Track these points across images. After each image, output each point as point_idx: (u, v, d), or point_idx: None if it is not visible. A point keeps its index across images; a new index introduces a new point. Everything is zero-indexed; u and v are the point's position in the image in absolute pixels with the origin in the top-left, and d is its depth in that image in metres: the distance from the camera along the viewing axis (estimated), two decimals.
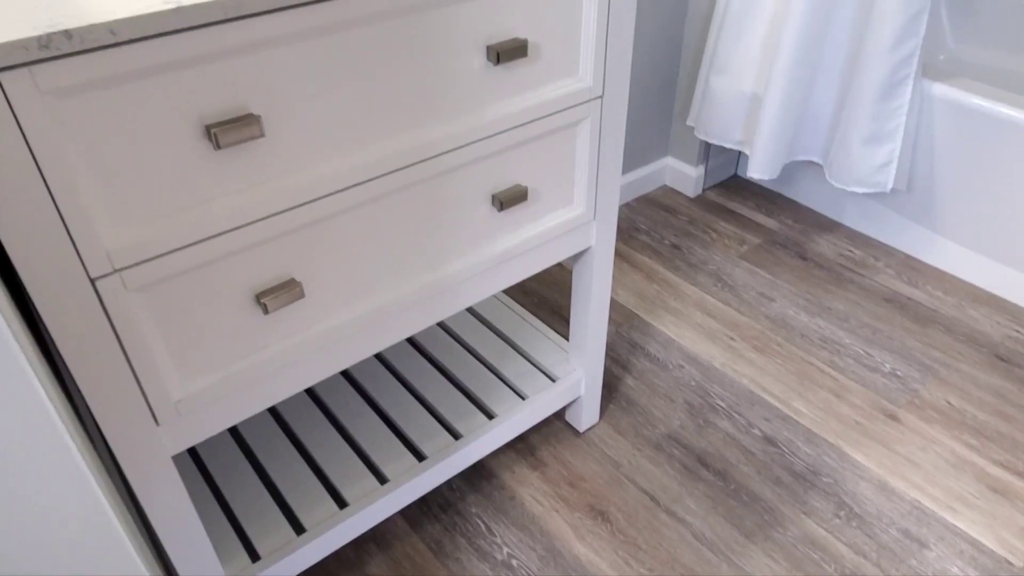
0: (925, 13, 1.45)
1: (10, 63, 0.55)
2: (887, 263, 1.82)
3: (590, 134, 1.00)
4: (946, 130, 1.62)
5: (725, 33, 1.69)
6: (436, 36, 0.78)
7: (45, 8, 0.60)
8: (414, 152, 0.83)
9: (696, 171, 2.02)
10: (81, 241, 0.65)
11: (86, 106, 0.61)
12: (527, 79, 0.89)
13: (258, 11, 0.65)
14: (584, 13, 0.90)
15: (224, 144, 0.68)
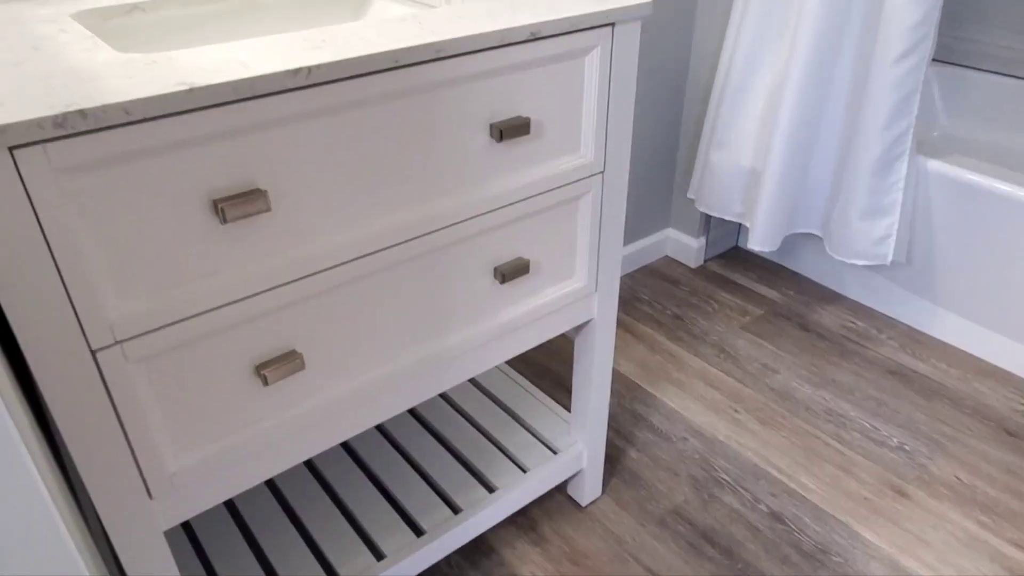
0: (917, 93, 1.49)
1: (25, 141, 0.56)
2: (890, 335, 1.81)
3: (591, 208, 1.02)
4: (943, 205, 1.65)
5: (724, 109, 1.74)
6: (441, 115, 0.81)
7: (63, 87, 0.62)
8: (417, 226, 0.85)
9: (697, 242, 2.04)
10: (84, 313, 0.65)
11: (97, 182, 0.62)
12: (530, 155, 0.91)
13: (268, 92, 0.67)
14: (585, 92, 0.93)
15: (230, 219, 0.69)
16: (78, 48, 0.73)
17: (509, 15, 0.84)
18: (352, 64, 0.70)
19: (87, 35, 0.77)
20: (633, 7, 0.89)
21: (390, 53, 0.72)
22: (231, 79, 0.64)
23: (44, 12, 0.86)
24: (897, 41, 1.44)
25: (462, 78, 0.80)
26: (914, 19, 1.41)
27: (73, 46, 0.73)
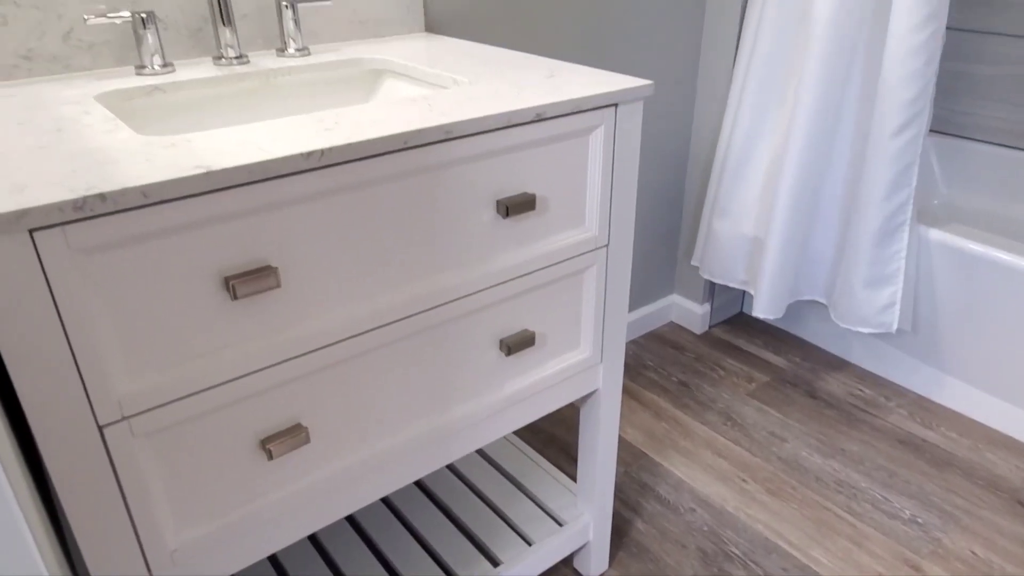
0: (915, 165, 1.52)
1: (46, 223, 0.58)
2: (899, 403, 1.80)
3: (596, 281, 1.03)
4: (946, 273, 1.66)
5: (726, 179, 1.77)
6: (449, 192, 0.83)
7: (83, 169, 0.64)
8: (425, 300, 0.86)
9: (702, 308, 2.05)
10: (94, 389, 0.66)
11: (112, 261, 0.63)
12: (535, 230, 0.93)
13: (281, 174, 0.69)
14: (590, 169, 0.95)
15: (241, 295, 0.70)
16: (100, 130, 0.75)
17: (515, 96, 0.87)
18: (363, 146, 0.72)
19: (109, 117, 0.80)
20: (635, 88, 0.92)
21: (400, 135, 0.74)
22: (247, 162, 0.66)
23: (69, 94, 0.89)
24: (894, 115, 1.47)
25: (470, 157, 0.82)
26: (910, 95, 1.45)
27: (95, 127, 0.76)
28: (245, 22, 1.10)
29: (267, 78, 1.03)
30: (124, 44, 1.02)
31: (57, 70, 0.98)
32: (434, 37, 1.25)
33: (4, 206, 0.56)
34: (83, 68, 1.00)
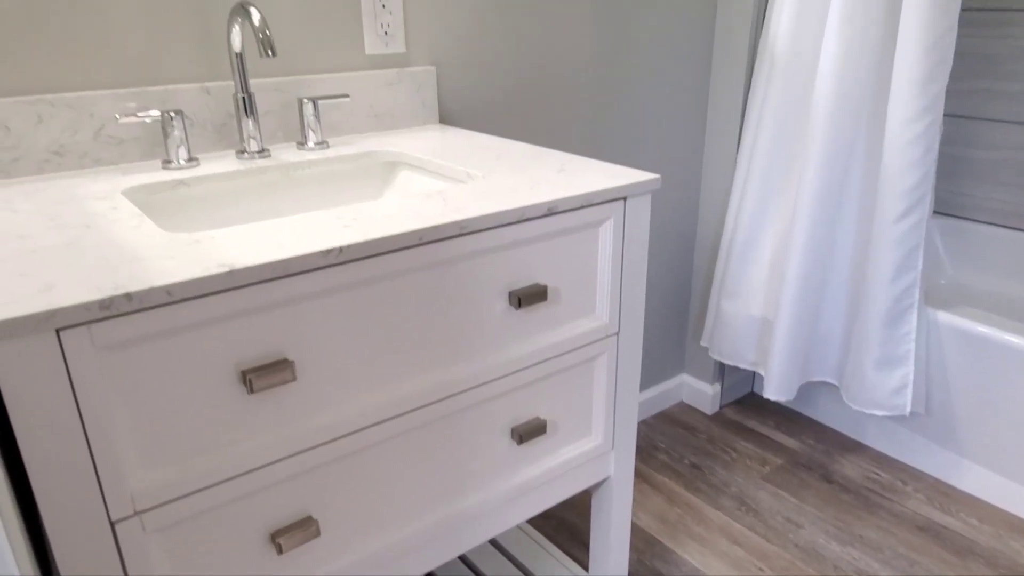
0: (920, 248, 1.54)
1: (72, 323, 0.60)
2: (916, 487, 1.76)
3: (607, 368, 1.03)
4: (957, 355, 1.65)
5: (733, 261, 1.79)
6: (462, 285, 0.84)
7: (110, 268, 0.66)
8: (437, 390, 0.86)
9: (712, 388, 2.04)
10: (108, 484, 0.66)
11: (132, 357, 0.65)
12: (547, 320, 0.94)
13: (301, 271, 0.71)
14: (600, 259, 0.97)
15: (257, 389, 0.71)
16: (127, 225, 0.78)
17: (527, 191, 0.89)
18: (380, 243, 0.75)
19: (135, 212, 0.83)
20: (644, 182, 0.95)
21: (416, 232, 0.77)
22: (268, 260, 0.68)
23: (97, 188, 0.93)
24: (896, 202, 1.50)
25: (483, 251, 0.85)
26: (911, 182, 1.48)
27: (123, 223, 0.79)
28: (267, 117, 1.15)
29: (287, 171, 1.06)
30: (151, 139, 1.06)
31: (87, 164, 1.02)
32: (448, 129, 1.29)
33: (34, 306, 0.58)
34: (111, 162, 1.04)
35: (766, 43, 1.66)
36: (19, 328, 0.57)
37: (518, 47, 1.42)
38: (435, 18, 1.30)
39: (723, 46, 1.76)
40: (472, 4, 1.33)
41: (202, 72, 1.09)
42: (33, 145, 0.98)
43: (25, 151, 0.97)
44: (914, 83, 1.42)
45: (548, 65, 1.48)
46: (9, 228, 0.78)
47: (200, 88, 1.08)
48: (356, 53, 1.23)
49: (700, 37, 1.73)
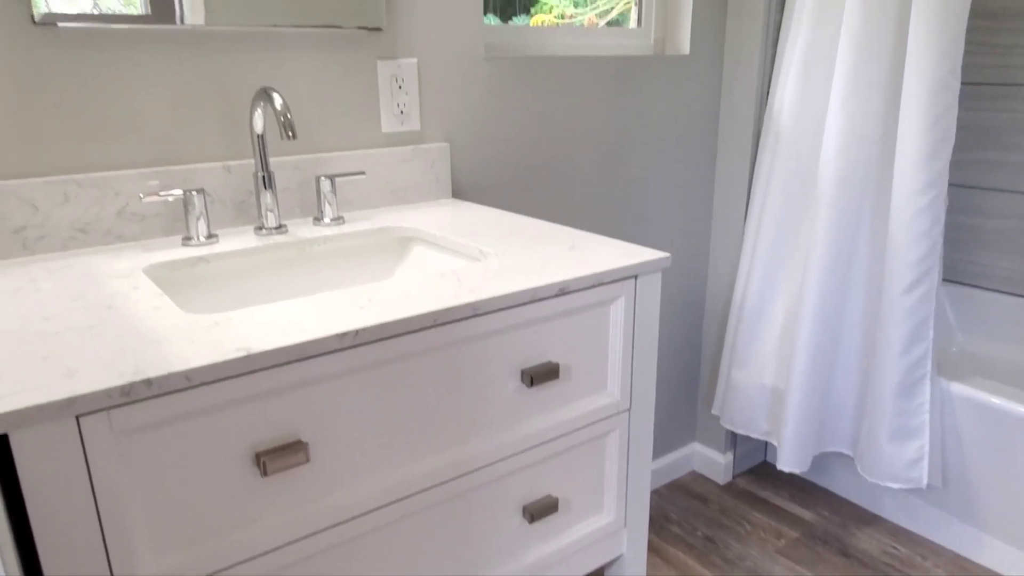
0: (930, 319, 1.54)
1: (92, 409, 0.61)
2: (935, 562, 1.72)
3: (619, 445, 1.03)
4: (972, 427, 1.63)
5: (743, 329, 1.79)
6: (475, 364, 0.85)
7: (131, 352, 0.67)
8: (448, 470, 0.86)
9: (724, 458, 2.01)
10: (119, 568, 0.66)
11: (149, 441, 0.65)
12: (558, 397, 0.95)
13: (317, 354, 0.72)
14: (611, 336, 0.98)
15: (271, 472, 0.71)
16: (148, 306, 0.80)
17: (539, 270, 0.91)
18: (395, 326, 0.76)
19: (156, 292, 0.84)
20: (654, 261, 0.97)
21: (430, 314, 0.78)
22: (285, 344, 0.69)
23: (119, 266, 0.95)
24: (904, 273, 1.51)
25: (496, 331, 0.86)
26: (918, 255, 1.49)
27: (143, 303, 0.80)
28: (285, 193, 1.18)
29: (304, 247, 1.09)
30: (173, 216, 1.09)
31: (109, 241, 1.05)
32: (461, 204, 1.32)
33: (55, 393, 0.59)
34: (133, 238, 1.06)
35: (770, 118, 1.70)
36: (40, 415, 0.58)
37: (529, 124, 1.46)
38: (449, 97, 1.34)
39: (728, 120, 1.80)
40: (484, 83, 1.38)
41: (224, 151, 1.13)
42: (59, 223, 1.00)
43: (51, 229, 1.00)
44: (917, 159, 1.45)
45: (558, 141, 1.52)
46: (34, 308, 0.79)
47: (222, 167, 1.12)
48: (373, 131, 1.27)
49: (706, 112, 1.78)
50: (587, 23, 1.87)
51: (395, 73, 1.26)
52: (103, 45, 1.00)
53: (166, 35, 1.05)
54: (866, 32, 1.50)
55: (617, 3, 2.61)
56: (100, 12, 0.97)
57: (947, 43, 1.41)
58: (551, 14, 2.53)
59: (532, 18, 1.79)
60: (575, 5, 2.35)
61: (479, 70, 1.37)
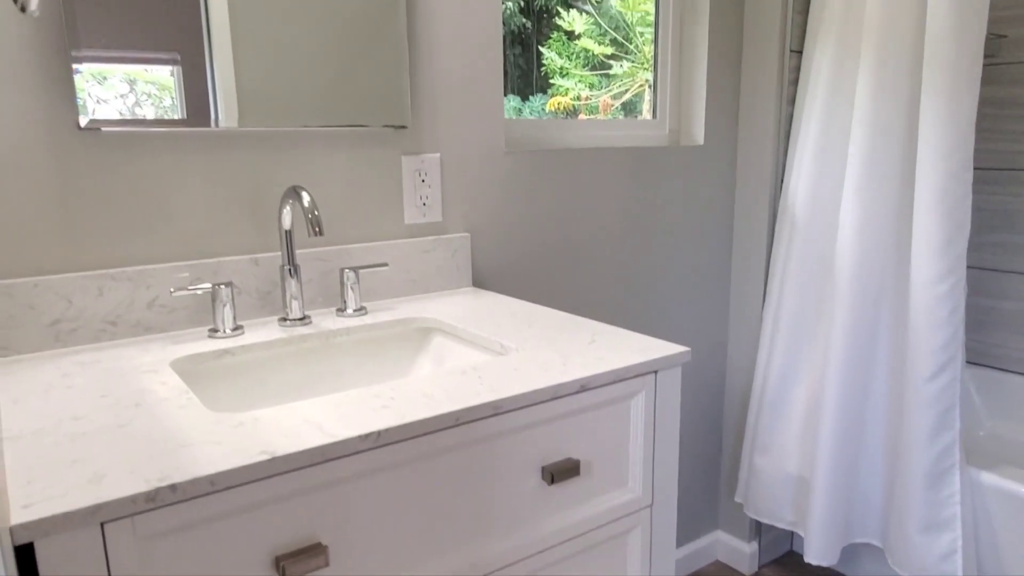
0: (956, 408, 1.52)
1: (117, 515, 0.61)
2: None
3: (641, 541, 1.01)
4: (1006, 518, 1.58)
5: (764, 416, 1.77)
6: (496, 462, 0.85)
7: (158, 455, 0.68)
8: (468, 569, 0.85)
9: (750, 547, 1.96)
10: None
11: (170, 546, 0.65)
12: (578, 494, 0.94)
13: (341, 455, 0.72)
14: (632, 432, 0.98)
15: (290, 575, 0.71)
16: (175, 404, 0.81)
17: (560, 367, 0.92)
18: (416, 426, 0.76)
19: (183, 388, 0.86)
20: (674, 356, 0.97)
21: (451, 414, 0.79)
22: (308, 447, 0.70)
23: (147, 360, 0.97)
24: (926, 361, 1.50)
25: (517, 428, 0.86)
26: (940, 342, 1.48)
27: (170, 402, 0.82)
28: (310, 284, 1.21)
29: (327, 339, 1.11)
30: (200, 308, 1.12)
31: (138, 332, 1.07)
32: (481, 292, 1.34)
33: (81, 501, 0.60)
34: (161, 329, 1.09)
35: (785, 205, 1.72)
36: (67, 524, 0.59)
37: (547, 214, 1.50)
38: (470, 188, 1.38)
39: (744, 208, 1.83)
40: (505, 175, 1.42)
41: (252, 244, 1.16)
42: (92, 316, 1.03)
43: (84, 322, 1.03)
44: (934, 247, 1.46)
45: (576, 231, 1.55)
46: (65, 407, 0.81)
47: (249, 259, 1.15)
48: (396, 222, 1.30)
49: (721, 200, 1.81)
50: (601, 105, 1.93)
51: (418, 167, 1.30)
52: (142, 147, 1.06)
53: (202, 136, 1.10)
54: (877, 126, 1.53)
55: (631, 85, 2.69)
56: (141, 118, 1.03)
57: (957, 137, 1.44)
58: (567, 96, 2.61)
59: (550, 99, 1.85)
60: (590, 87, 2.43)
61: (499, 163, 1.41)
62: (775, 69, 1.70)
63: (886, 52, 1.51)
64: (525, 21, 2.31)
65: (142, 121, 1.03)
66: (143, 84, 1.02)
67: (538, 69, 1.83)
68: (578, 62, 2.30)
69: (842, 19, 1.58)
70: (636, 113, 1.83)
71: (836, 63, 1.60)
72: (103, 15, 0.98)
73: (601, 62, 1.90)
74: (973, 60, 1.42)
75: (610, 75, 2.02)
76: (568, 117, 2.06)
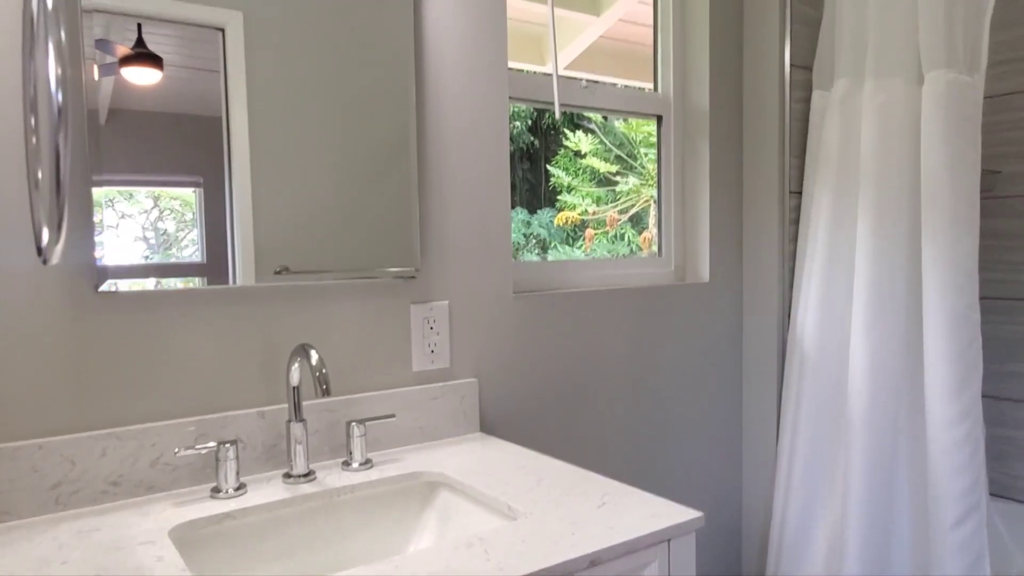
0: (985, 555, 1.45)
1: None
2: None
3: None
4: None
5: (784, 561, 1.70)
6: None
7: None
8: None
9: None
10: None
11: None
12: None
13: None
14: None
15: None
16: None
17: (570, 537, 0.89)
18: None
19: (180, 567, 0.83)
20: (687, 523, 0.94)
21: None
22: None
23: (145, 526, 0.94)
24: (950, 507, 1.45)
25: None
26: (962, 487, 1.44)
27: None
28: (315, 436, 1.20)
29: (330, 497, 1.08)
30: (204, 465, 1.10)
31: (140, 492, 1.05)
32: (488, 440, 1.33)
33: None
34: (163, 488, 1.07)
35: (794, 342, 1.72)
36: None
37: (555, 357, 1.50)
38: (478, 333, 1.39)
39: (752, 344, 1.83)
40: (513, 319, 1.43)
41: (260, 397, 1.16)
42: (94, 477, 1.02)
43: (86, 483, 1.01)
44: (947, 390, 1.44)
45: (584, 373, 1.54)
46: None
47: (256, 413, 1.14)
48: (403, 370, 1.30)
49: (729, 337, 1.81)
50: (608, 220, 1.97)
51: (427, 315, 1.32)
52: (157, 307, 1.08)
53: (216, 294, 1.12)
54: (881, 266, 1.55)
55: (637, 200, 2.75)
56: (160, 287, 1.05)
57: (962, 277, 1.45)
58: (575, 211, 2.67)
59: (558, 213, 1.90)
60: (596, 202, 2.48)
61: (507, 307, 1.43)
62: (776, 209, 1.75)
63: (884, 196, 1.55)
64: (533, 139, 2.41)
65: (161, 268, 1.05)
66: (166, 200, 1.06)
67: (546, 183, 1.89)
68: (585, 178, 2.37)
69: (838, 162, 1.64)
70: (643, 226, 1.87)
71: (835, 204, 1.64)
72: (126, 146, 1.03)
73: (607, 178, 1.96)
74: (970, 205, 1.45)
75: (616, 191, 2.08)
76: (576, 230, 2.09)
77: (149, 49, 1.04)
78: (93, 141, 1.01)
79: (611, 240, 3.18)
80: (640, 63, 1.89)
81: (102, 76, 1.01)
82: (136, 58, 1.04)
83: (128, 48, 1.03)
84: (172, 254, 1.07)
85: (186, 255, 1.08)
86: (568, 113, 1.80)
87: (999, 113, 2.07)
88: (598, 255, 2.75)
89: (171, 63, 1.06)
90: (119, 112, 1.03)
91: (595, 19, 2.41)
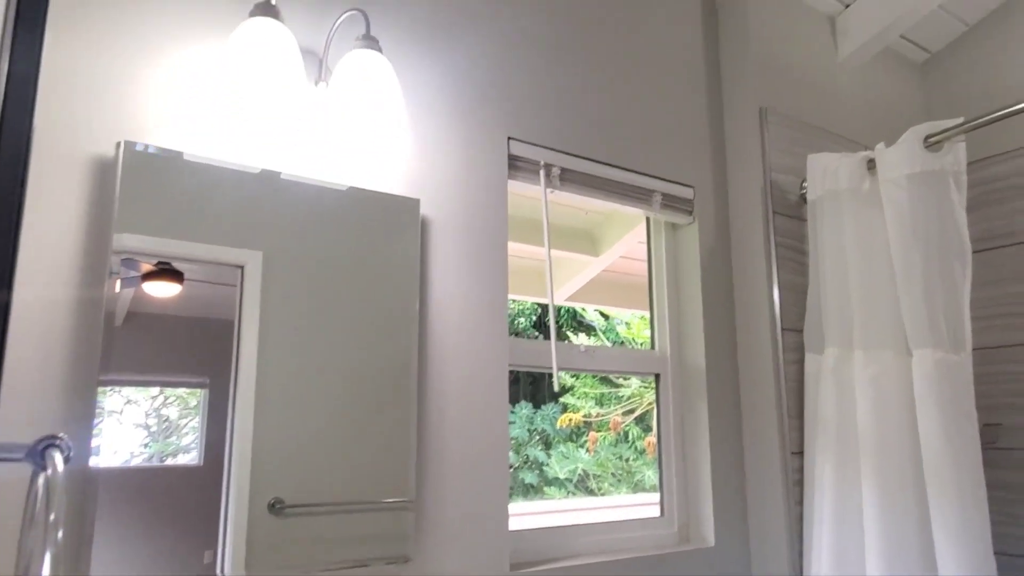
0: None
1: None
2: None
3: None
4: None
5: None
6: None
7: None
8: None
9: None
10: None
11: None
12: None
13: None
14: None
15: None
16: None
17: None
18: None
19: None
20: None
21: None
22: None
23: None
24: None
25: None
26: None
27: None
28: None
29: None
30: None
31: None
32: None
33: None
34: None
35: None
36: None
37: None
38: None
39: None
40: None
41: None
42: None
43: None
44: None
45: None
46: None
47: None
48: None
49: None
50: (612, 424, 1.92)
51: None
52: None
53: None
54: (889, 535, 1.50)
55: (641, 403, 2.71)
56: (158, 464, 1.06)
57: (975, 557, 1.40)
58: (579, 414, 2.63)
59: (562, 415, 1.85)
60: (599, 404, 2.45)
61: None
62: (779, 471, 1.72)
63: (887, 464, 1.53)
64: (537, 334, 2.42)
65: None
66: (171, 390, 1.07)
67: (549, 379, 1.88)
68: (587, 379, 2.36)
69: (837, 429, 1.64)
70: (646, 424, 1.83)
71: (838, 470, 1.62)
72: (137, 348, 1.04)
73: (610, 380, 1.94)
74: (976, 484, 1.43)
75: (620, 395, 2.06)
76: (580, 430, 2.04)
77: (172, 266, 1.08)
78: (107, 342, 1.03)
79: (614, 443, 3.09)
80: (639, 293, 1.93)
81: (124, 288, 1.04)
82: (158, 273, 1.07)
83: (151, 265, 1.07)
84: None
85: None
86: (571, 309, 1.83)
87: (995, 364, 2.11)
88: (602, 456, 2.66)
89: (191, 278, 1.10)
90: (136, 315, 1.05)
91: (594, 259, 2.55)
